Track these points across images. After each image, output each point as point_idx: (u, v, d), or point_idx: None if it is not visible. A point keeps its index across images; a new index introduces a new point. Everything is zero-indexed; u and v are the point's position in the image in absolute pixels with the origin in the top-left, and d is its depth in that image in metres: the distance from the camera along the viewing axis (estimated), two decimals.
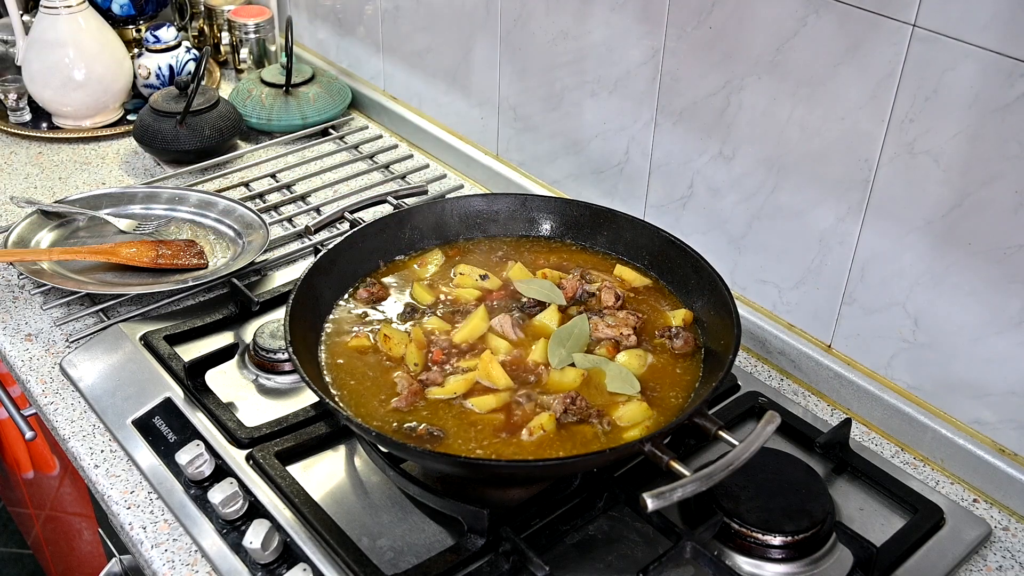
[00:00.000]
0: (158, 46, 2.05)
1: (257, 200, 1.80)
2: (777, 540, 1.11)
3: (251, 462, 1.21)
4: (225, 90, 2.17)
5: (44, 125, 2.02)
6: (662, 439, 1.04)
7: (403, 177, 1.88)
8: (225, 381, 1.35)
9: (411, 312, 1.28)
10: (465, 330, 1.23)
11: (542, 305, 1.28)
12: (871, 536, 1.12)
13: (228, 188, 1.81)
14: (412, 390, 1.14)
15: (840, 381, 1.35)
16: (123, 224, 1.65)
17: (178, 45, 2.07)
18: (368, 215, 1.43)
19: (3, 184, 1.83)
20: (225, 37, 2.22)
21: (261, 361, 1.36)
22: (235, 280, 1.48)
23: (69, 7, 1.92)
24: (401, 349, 1.20)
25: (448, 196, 1.73)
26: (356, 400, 1.14)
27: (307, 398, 1.31)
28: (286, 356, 1.33)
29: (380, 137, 2.03)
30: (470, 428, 1.11)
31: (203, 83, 1.97)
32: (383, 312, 1.29)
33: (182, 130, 1.85)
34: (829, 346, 1.38)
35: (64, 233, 1.63)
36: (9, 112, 2.03)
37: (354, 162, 1.94)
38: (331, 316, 1.27)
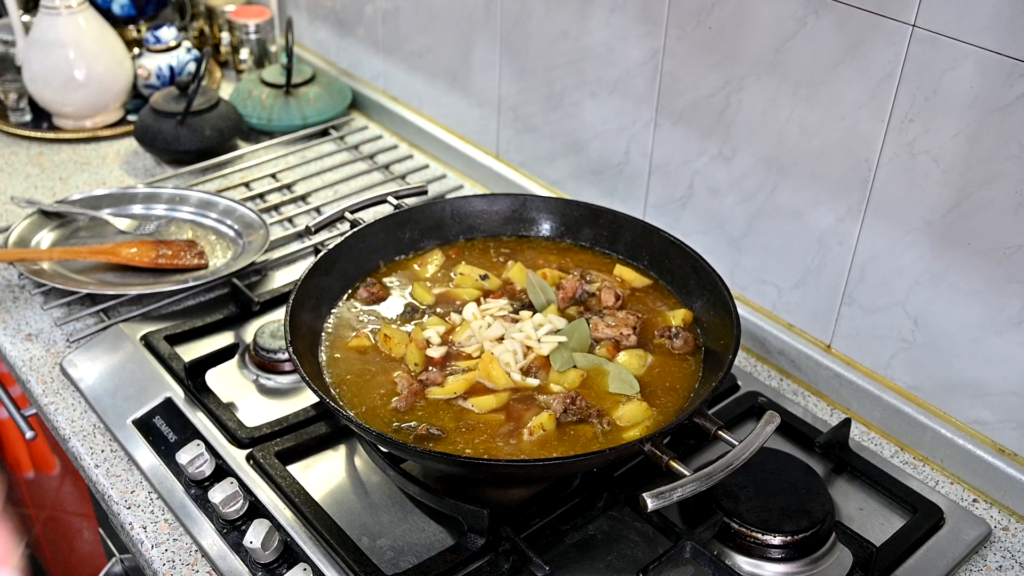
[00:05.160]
0: (158, 46, 2.05)
1: (257, 200, 1.80)
2: (777, 540, 1.11)
3: (251, 462, 1.21)
4: (225, 90, 2.17)
5: (44, 125, 2.02)
6: (662, 439, 1.04)
7: (403, 177, 1.89)
8: (225, 381, 1.35)
9: (411, 312, 1.28)
10: (466, 330, 1.23)
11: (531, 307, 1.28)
12: (871, 536, 1.12)
13: (228, 188, 1.81)
14: (412, 390, 1.14)
15: (840, 381, 1.35)
16: (123, 224, 1.65)
17: (178, 45, 2.07)
18: (368, 215, 1.43)
19: (3, 184, 1.83)
20: (225, 37, 2.22)
21: (261, 361, 1.36)
22: (235, 280, 1.48)
23: (69, 7, 1.92)
24: (401, 349, 1.21)
25: (448, 196, 1.73)
26: (356, 400, 1.15)
27: (307, 398, 1.31)
28: (286, 356, 1.33)
29: (380, 137, 2.03)
30: (470, 428, 1.11)
31: (203, 83, 1.98)
32: (383, 312, 1.29)
33: (182, 130, 1.85)
34: (829, 346, 1.38)
35: (64, 233, 1.63)
36: (9, 112, 2.03)
37: (354, 162, 1.94)
38: (331, 316, 1.27)
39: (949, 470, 1.27)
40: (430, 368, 1.18)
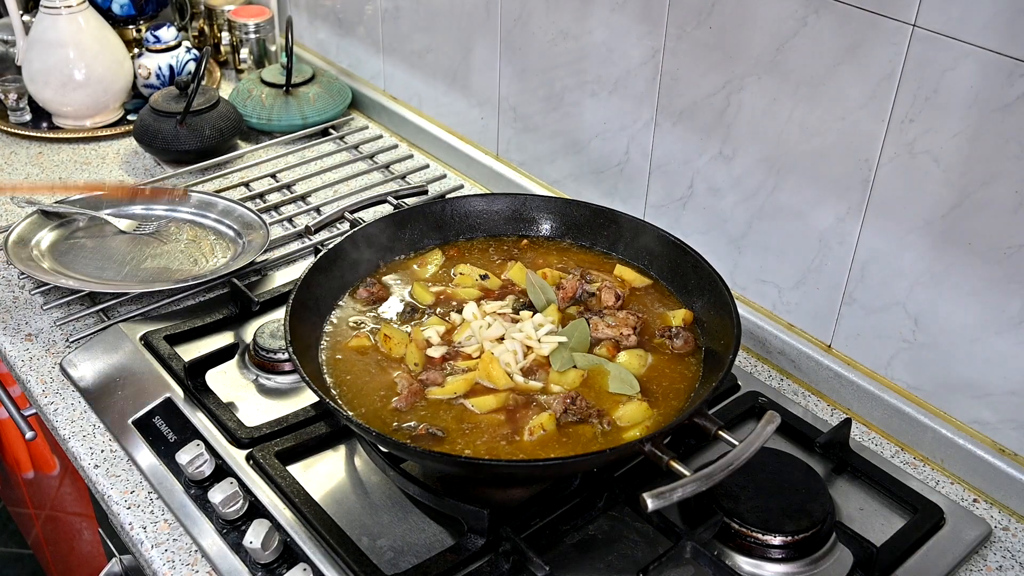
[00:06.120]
0: (158, 46, 2.05)
1: (257, 200, 1.80)
2: (777, 540, 1.11)
3: (251, 462, 1.21)
4: (225, 90, 2.17)
5: (44, 125, 2.02)
6: (662, 439, 1.04)
7: (403, 177, 1.88)
8: (225, 381, 1.35)
9: (411, 312, 1.28)
10: (466, 330, 1.23)
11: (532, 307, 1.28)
12: (871, 536, 1.12)
13: (228, 188, 1.81)
14: (412, 390, 1.14)
15: (840, 381, 1.35)
16: (123, 224, 1.65)
17: (178, 45, 2.07)
18: (368, 215, 1.43)
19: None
20: (225, 37, 2.22)
21: (261, 361, 1.36)
22: (235, 280, 1.48)
23: (69, 7, 1.92)
24: (401, 349, 1.20)
25: (448, 196, 1.73)
26: (356, 400, 1.15)
27: (307, 398, 1.31)
28: (286, 356, 1.33)
29: (380, 137, 2.03)
30: (470, 428, 1.11)
31: (203, 83, 1.97)
32: (383, 312, 1.29)
33: (182, 130, 1.85)
34: (829, 346, 1.38)
35: (64, 233, 1.63)
36: (9, 112, 2.03)
37: (354, 162, 1.94)
38: (331, 316, 1.27)
39: (949, 470, 1.27)
40: (430, 368, 1.18)
